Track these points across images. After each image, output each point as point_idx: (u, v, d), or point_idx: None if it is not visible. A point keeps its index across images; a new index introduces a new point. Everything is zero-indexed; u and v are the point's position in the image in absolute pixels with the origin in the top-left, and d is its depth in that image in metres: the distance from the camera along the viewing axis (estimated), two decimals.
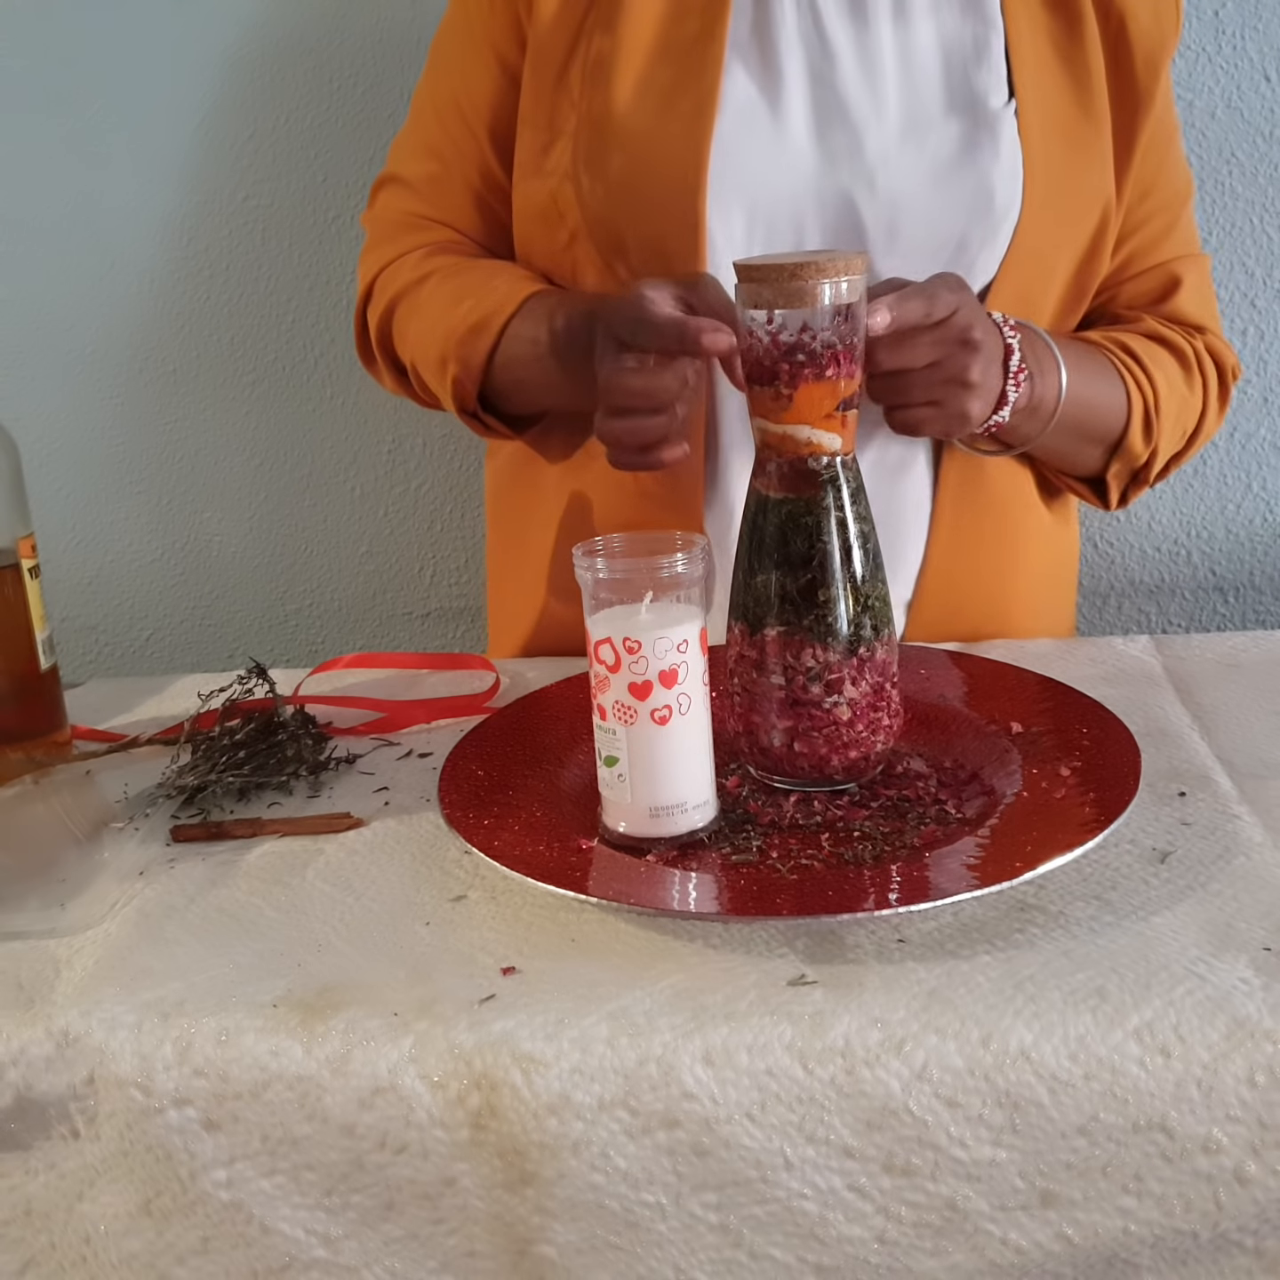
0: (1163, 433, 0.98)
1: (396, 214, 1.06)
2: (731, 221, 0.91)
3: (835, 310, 0.70)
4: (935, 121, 0.92)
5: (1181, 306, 1.02)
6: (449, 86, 1.01)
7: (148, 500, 1.45)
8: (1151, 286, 1.02)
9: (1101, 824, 0.68)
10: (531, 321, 0.93)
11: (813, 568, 0.74)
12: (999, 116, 0.92)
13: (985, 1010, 0.59)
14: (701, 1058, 0.58)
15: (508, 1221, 0.60)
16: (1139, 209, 0.99)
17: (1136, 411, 0.96)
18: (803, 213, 0.91)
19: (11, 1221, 0.64)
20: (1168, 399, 0.97)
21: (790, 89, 0.91)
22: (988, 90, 0.92)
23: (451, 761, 0.81)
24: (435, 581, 1.47)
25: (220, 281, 1.37)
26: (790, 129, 0.91)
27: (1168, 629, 1.42)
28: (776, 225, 0.92)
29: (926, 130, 0.92)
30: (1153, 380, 0.97)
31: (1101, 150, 0.95)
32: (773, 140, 0.91)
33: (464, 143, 1.01)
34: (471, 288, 0.97)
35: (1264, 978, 0.60)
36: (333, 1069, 0.60)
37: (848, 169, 0.91)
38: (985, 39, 0.93)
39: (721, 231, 0.91)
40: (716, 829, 0.73)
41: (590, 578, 0.71)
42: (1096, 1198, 0.58)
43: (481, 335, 0.94)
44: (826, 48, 0.92)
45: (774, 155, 0.91)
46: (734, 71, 0.91)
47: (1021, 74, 0.92)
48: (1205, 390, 1.01)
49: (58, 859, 0.76)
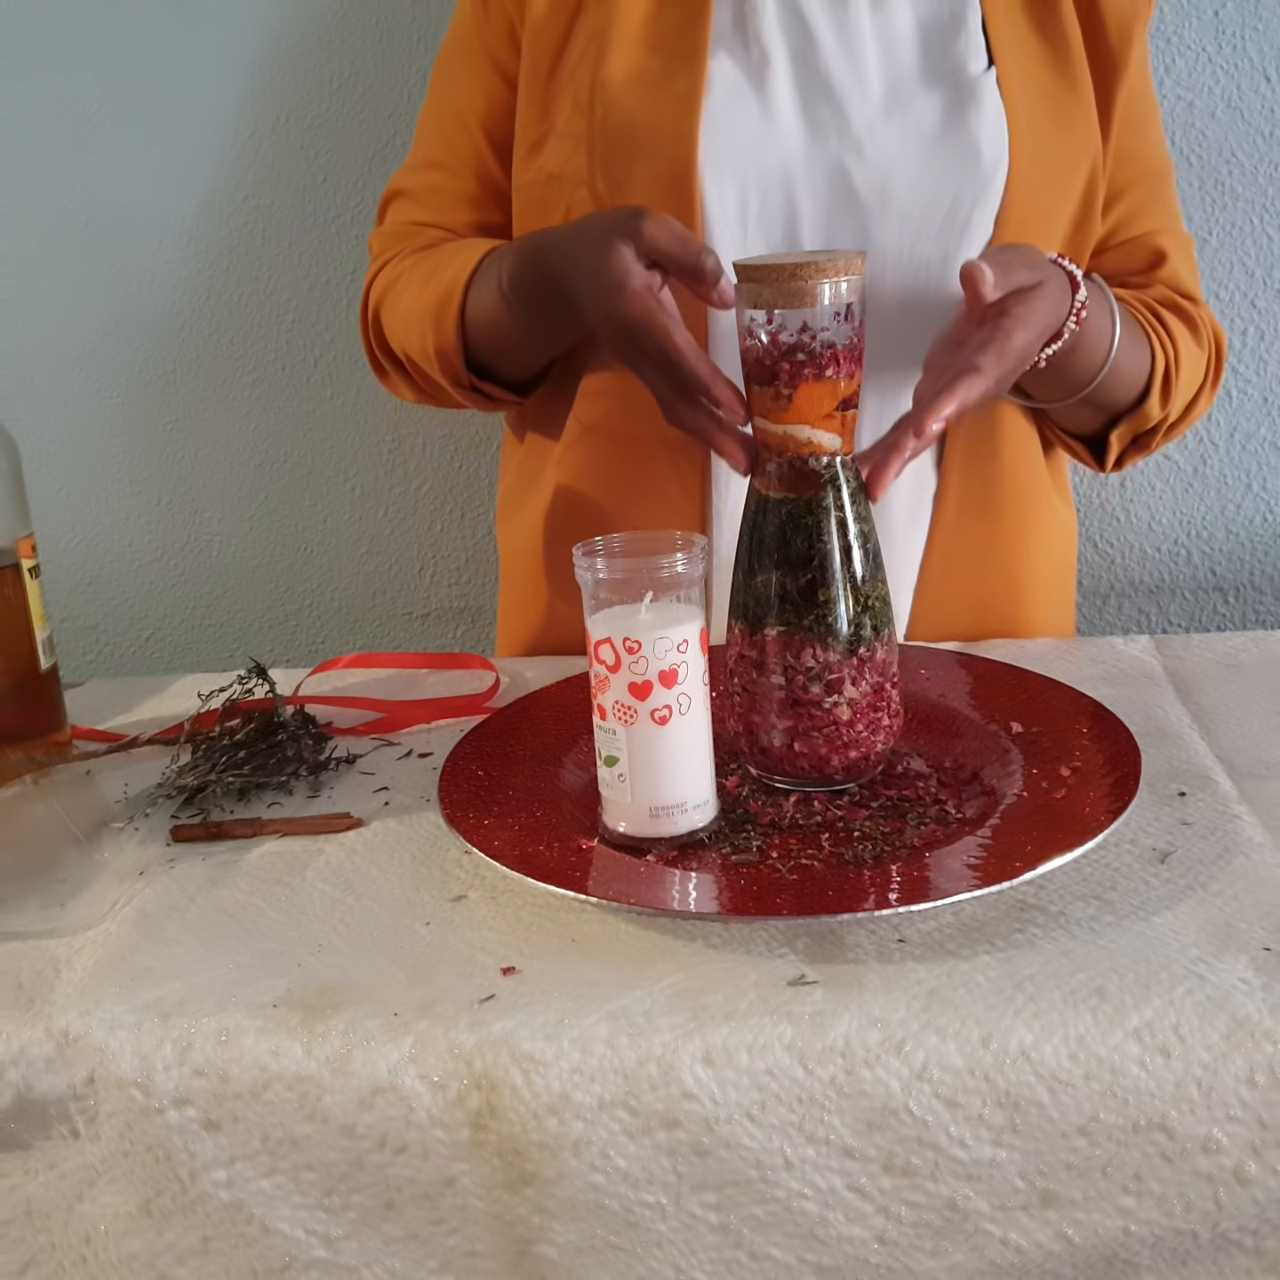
0: (1177, 398, 0.99)
1: (397, 226, 1.08)
2: (725, 195, 0.93)
3: (835, 310, 0.70)
4: (917, 93, 0.94)
5: (1176, 276, 1.03)
6: (449, 99, 1.04)
7: (148, 500, 1.45)
8: (1138, 255, 1.02)
9: (1101, 824, 0.68)
10: (487, 276, 0.95)
11: (813, 568, 0.74)
12: (979, 81, 0.94)
13: (985, 1010, 0.59)
14: (701, 1058, 0.58)
15: (508, 1221, 0.60)
16: (1120, 175, 1.00)
17: (1158, 372, 0.97)
18: (795, 183, 0.93)
19: (11, 1221, 0.64)
20: (1185, 364, 0.98)
21: (775, 71, 0.94)
22: (966, 59, 0.95)
23: (451, 761, 0.81)
24: (435, 581, 1.47)
25: (220, 281, 1.37)
26: (777, 106, 0.93)
27: (1168, 629, 1.42)
28: (770, 197, 0.93)
29: (909, 101, 0.94)
30: (1175, 343, 0.97)
31: (1085, 112, 0.97)
32: (760, 117, 0.93)
33: (463, 148, 1.03)
34: (438, 266, 0.99)
35: (1264, 978, 0.60)
36: (333, 1069, 0.60)
37: (835, 139, 0.93)
38: (961, 14, 0.95)
39: (716, 205, 0.93)
40: (716, 829, 0.73)
41: (590, 578, 0.71)
42: (1096, 1198, 0.58)
43: (449, 302, 0.97)
44: (807, 33, 0.94)
45: (762, 130, 0.93)
46: (719, 58, 0.94)
47: (999, 44, 0.95)
48: (1207, 363, 1.02)
49: (58, 859, 0.76)
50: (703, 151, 0.92)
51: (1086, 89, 0.97)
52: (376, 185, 1.33)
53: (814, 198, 0.93)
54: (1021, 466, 1.03)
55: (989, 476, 1.00)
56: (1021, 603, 1.05)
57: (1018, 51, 0.95)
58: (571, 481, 1.04)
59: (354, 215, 1.34)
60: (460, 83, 1.03)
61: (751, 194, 0.93)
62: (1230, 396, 1.33)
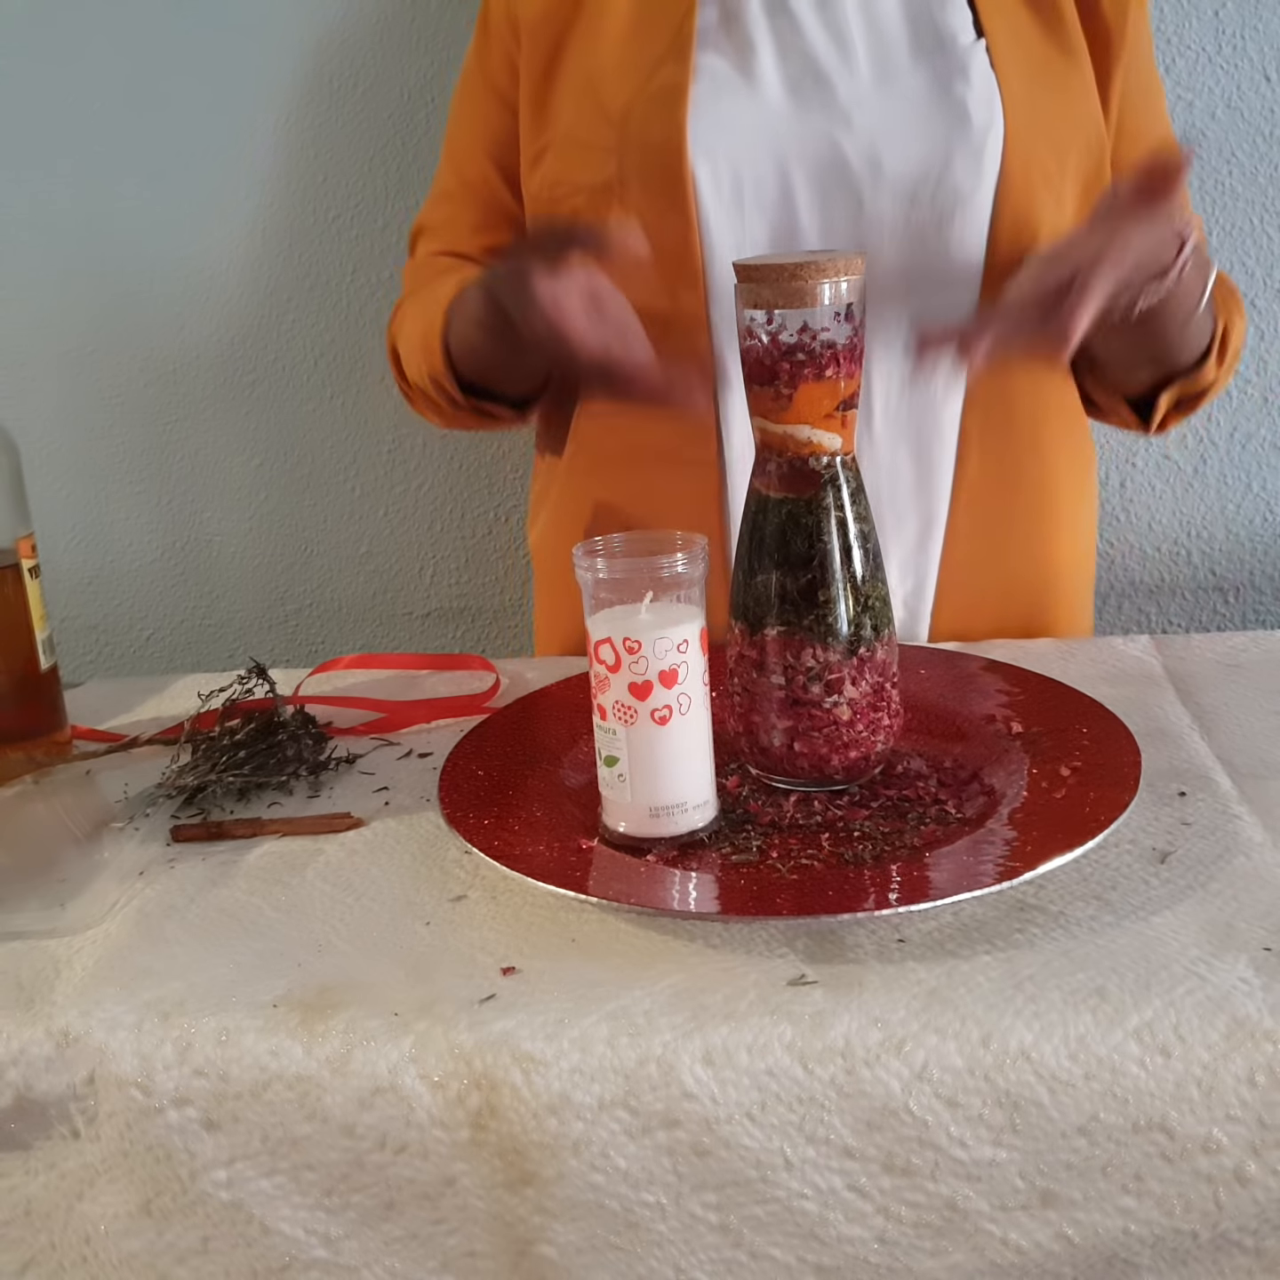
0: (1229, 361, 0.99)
1: (421, 259, 1.11)
2: (720, 181, 0.94)
3: (835, 310, 0.70)
4: (904, 66, 0.95)
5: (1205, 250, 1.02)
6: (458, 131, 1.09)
7: (148, 500, 1.45)
8: None
9: (1101, 824, 0.68)
10: (459, 302, 0.96)
11: (813, 568, 0.74)
12: (969, 52, 0.95)
13: (985, 1010, 0.59)
14: (701, 1058, 0.58)
15: (508, 1221, 0.60)
16: (1132, 154, 1.00)
17: (1218, 333, 0.97)
18: (787, 161, 0.94)
19: (11, 1221, 0.64)
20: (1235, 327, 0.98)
21: (761, 58, 0.95)
22: (955, 31, 0.96)
23: (451, 761, 0.81)
24: (435, 581, 1.47)
25: (220, 281, 1.37)
26: (764, 90, 0.95)
27: (1168, 629, 1.42)
28: (763, 178, 0.94)
29: (896, 74, 0.95)
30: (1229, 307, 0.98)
31: (1083, 80, 0.97)
32: (748, 101, 0.95)
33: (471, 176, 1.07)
34: (430, 294, 1.01)
35: (1264, 978, 0.60)
36: (333, 1069, 0.60)
37: (824, 115, 0.94)
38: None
39: (710, 191, 0.94)
40: (716, 829, 0.73)
41: (590, 578, 0.71)
42: (1096, 1198, 0.58)
43: (433, 328, 0.98)
44: (792, 20, 0.96)
45: (750, 114, 0.94)
46: (706, 53, 0.96)
47: (989, 16, 0.96)
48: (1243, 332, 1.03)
49: (58, 859, 0.76)
50: (692, 140, 0.93)
51: (1083, 58, 0.98)
52: (377, 185, 1.33)
53: (807, 174, 0.94)
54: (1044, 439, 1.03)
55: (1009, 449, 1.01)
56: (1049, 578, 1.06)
57: (1009, 22, 0.96)
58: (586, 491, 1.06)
59: (354, 215, 1.34)
60: (466, 115, 1.07)
61: (745, 177, 0.94)
62: (1230, 396, 1.33)
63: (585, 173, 0.96)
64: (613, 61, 0.96)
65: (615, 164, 0.95)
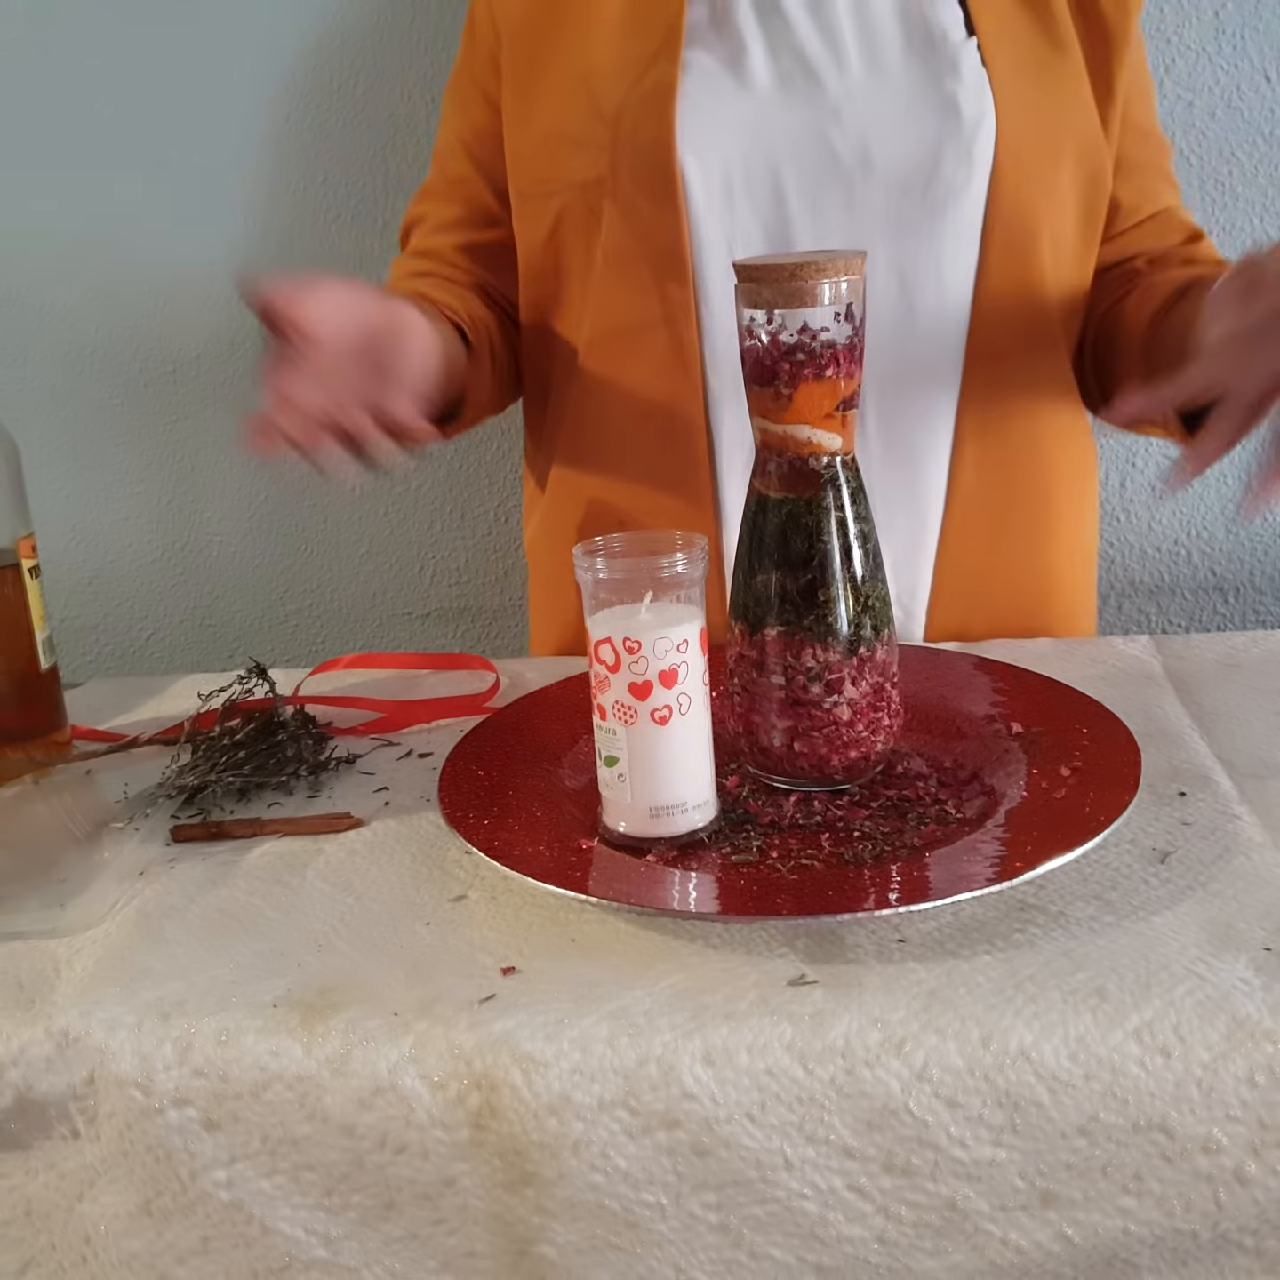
0: None
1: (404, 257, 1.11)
2: (710, 177, 0.94)
3: (835, 310, 0.70)
4: (895, 62, 0.95)
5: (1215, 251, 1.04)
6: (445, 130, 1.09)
7: (148, 500, 1.45)
8: (1172, 230, 1.04)
9: (1101, 824, 0.68)
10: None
11: (813, 568, 0.74)
12: (960, 48, 0.95)
13: (985, 1010, 0.59)
14: (701, 1058, 0.58)
15: (508, 1221, 0.60)
16: (1137, 149, 1.02)
17: None
18: (777, 157, 0.94)
19: (11, 1221, 0.64)
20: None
21: (751, 56, 0.95)
22: (946, 28, 0.96)
23: (451, 761, 0.81)
24: (435, 581, 1.47)
25: (220, 281, 1.37)
26: (753, 86, 0.95)
27: (1168, 629, 1.42)
28: (754, 174, 0.94)
29: (886, 69, 0.95)
30: None
31: (1076, 77, 0.97)
32: (737, 98, 0.95)
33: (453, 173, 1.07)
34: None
35: (1264, 978, 0.60)
36: (333, 1069, 0.60)
37: (813, 110, 0.94)
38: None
39: (699, 188, 0.94)
40: (716, 829, 0.73)
41: (590, 578, 0.71)
42: (1096, 1198, 0.58)
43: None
44: (784, 21, 0.96)
45: (740, 110, 0.95)
46: (696, 51, 0.96)
47: (980, 13, 0.96)
48: None
49: (58, 859, 0.76)
50: (681, 136, 0.93)
51: (1075, 54, 0.98)
52: (376, 185, 1.33)
53: (798, 169, 0.94)
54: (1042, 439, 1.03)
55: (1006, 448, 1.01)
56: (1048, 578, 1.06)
57: (1000, 19, 0.96)
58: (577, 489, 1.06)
59: (354, 215, 1.34)
60: (452, 114, 1.08)
61: (735, 173, 0.94)
62: None
63: (576, 170, 0.97)
64: (605, 60, 0.97)
65: (607, 161, 0.95)
